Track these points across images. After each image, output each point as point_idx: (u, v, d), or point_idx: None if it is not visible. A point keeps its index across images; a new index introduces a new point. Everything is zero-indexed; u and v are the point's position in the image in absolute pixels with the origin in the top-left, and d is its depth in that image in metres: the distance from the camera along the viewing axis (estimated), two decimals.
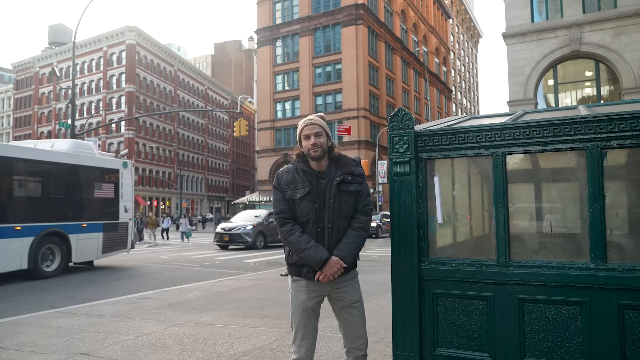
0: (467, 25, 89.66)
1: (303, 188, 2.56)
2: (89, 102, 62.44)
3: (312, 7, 45.89)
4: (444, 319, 2.82)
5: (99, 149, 15.66)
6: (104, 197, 12.10)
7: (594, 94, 15.75)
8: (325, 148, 2.60)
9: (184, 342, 4.73)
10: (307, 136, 2.59)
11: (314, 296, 2.60)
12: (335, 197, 2.54)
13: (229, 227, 19.41)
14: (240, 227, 18.98)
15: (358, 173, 2.65)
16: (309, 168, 2.61)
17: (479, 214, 3.26)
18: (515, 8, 16.12)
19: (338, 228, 2.56)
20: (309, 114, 22.21)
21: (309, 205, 2.54)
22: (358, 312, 2.63)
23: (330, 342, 4.59)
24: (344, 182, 2.58)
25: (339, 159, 2.67)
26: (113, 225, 12.18)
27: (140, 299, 7.38)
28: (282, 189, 2.62)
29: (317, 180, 2.58)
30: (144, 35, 62.37)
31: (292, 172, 2.63)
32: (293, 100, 46.29)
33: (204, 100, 76.78)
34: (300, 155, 2.66)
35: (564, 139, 2.61)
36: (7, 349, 4.55)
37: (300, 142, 2.64)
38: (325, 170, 2.62)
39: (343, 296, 2.62)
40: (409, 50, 54.75)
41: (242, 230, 18.82)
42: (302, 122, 2.67)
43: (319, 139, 2.58)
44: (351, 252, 2.55)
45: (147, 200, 60.40)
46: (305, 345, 2.60)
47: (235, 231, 18.97)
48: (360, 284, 2.76)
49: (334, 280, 2.56)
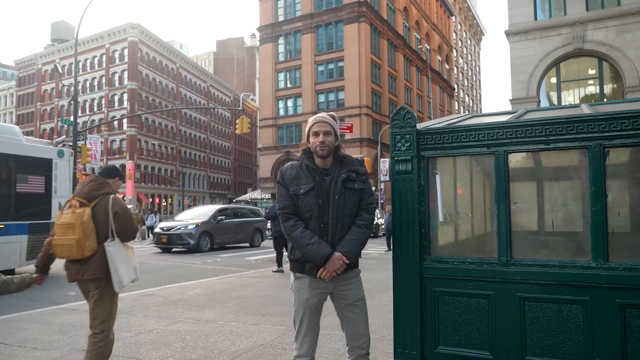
0: (470, 23, 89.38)
1: (307, 184, 2.58)
2: (91, 99, 62.51)
3: (315, 4, 45.79)
4: (445, 317, 2.83)
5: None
6: (30, 192, 10.08)
7: (597, 92, 15.70)
8: (332, 147, 2.62)
9: (186, 339, 4.75)
10: (317, 133, 2.60)
11: (317, 294, 2.61)
12: (340, 193, 2.56)
13: (168, 227, 16.37)
14: (181, 227, 16.03)
15: (362, 172, 2.67)
16: (313, 164, 2.62)
17: (481, 213, 3.26)
18: (519, 6, 16.06)
19: (342, 225, 2.57)
20: (311, 112, 22.17)
21: (312, 201, 2.55)
22: (361, 310, 2.63)
23: (332, 339, 4.60)
24: (348, 179, 2.60)
25: (343, 159, 2.69)
26: (42, 226, 9.89)
27: (142, 296, 7.40)
28: (285, 185, 2.63)
29: (321, 176, 2.60)
30: (146, 33, 62.36)
31: (296, 168, 2.65)
32: (295, 98, 46.25)
33: (206, 97, 76.79)
34: (305, 150, 2.68)
35: (566, 138, 2.61)
36: (10, 345, 4.57)
37: (308, 138, 2.65)
38: (330, 167, 2.64)
39: (346, 294, 2.62)
40: (411, 48, 54.62)
41: (183, 230, 15.86)
42: (313, 118, 2.68)
43: (328, 138, 2.59)
44: (354, 249, 2.56)
45: (149, 197, 60.54)
46: (307, 342, 2.60)
47: (174, 231, 15.95)
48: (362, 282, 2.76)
49: (336, 278, 2.56)
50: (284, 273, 9.90)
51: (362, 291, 2.69)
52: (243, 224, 18.03)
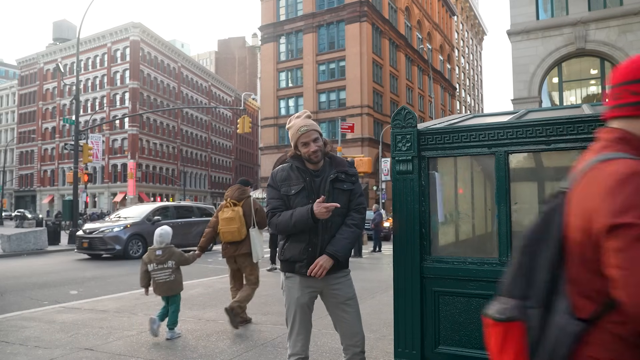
0: (472, 23, 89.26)
1: (298, 184, 2.61)
2: (93, 98, 62.59)
3: (316, 4, 45.77)
4: (445, 317, 2.83)
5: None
6: None
7: (599, 92, 15.67)
8: (323, 150, 2.64)
9: (187, 338, 4.76)
10: (306, 143, 2.60)
11: (308, 292, 2.63)
12: (329, 193, 2.58)
13: (92, 229, 13.96)
14: (106, 229, 13.62)
15: (351, 173, 2.69)
16: (303, 166, 2.66)
17: (482, 213, 3.26)
18: (521, 5, 16.04)
19: (332, 224, 2.58)
20: (312, 111, 22.06)
21: (303, 201, 2.58)
22: (353, 309, 2.65)
23: (332, 339, 4.61)
24: (337, 179, 2.62)
25: (332, 159, 2.71)
26: None
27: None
28: (277, 186, 2.67)
29: (312, 177, 2.63)
30: (147, 32, 62.40)
31: (286, 170, 2.69)
32: (296, 97, 46.24)
33: (208, 96, 76.84)
34: (293, 156, 2.70)
35: (567, 138, 2.61)
36: (12, 344, 4.59)
37: (297, 148, 2.65)
38: (320, 169, 2.67)
39: (337, 293, 2.64)
40: (413, 48, 54.57)
41: (108, 233, 13.44)
42: (296, 128, 2.63)
43: (317, 144, 2.61)
44: (344, 247, 2.57)
45: (151, 196, 60.60)
46: (300, 340, 2.63)
47: (97, 234, 13.51)
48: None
49: (327, 277, 2.57)
50: None
51: (352, 290, 2.70)
52: (187, 225, 14.88)
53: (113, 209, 53.76)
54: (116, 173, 60.27)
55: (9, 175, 69.07)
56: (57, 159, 65.53)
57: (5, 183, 56.24)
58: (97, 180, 59.72)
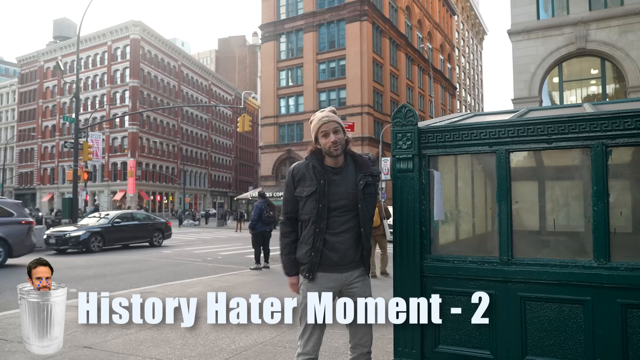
0: (472, 22, 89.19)
1: (310, 187, 2.55)
2: (93, 96, 62.53)
3: (317, 3, 45.72)
4: (445, 316, 2.82)
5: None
6: None
7: (599, 92, 15.65)
8: (344, 144, 2.57)
9: (186, 337, 4.75)
10: (326, 133, 2.53)
11: (326, 290, 2.60)
12: (362, 201, 2.54)
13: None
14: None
15: (376, 173, 2.63)
16: (321, 165, 2.57)
17: (482, 212, 3.25)
18: (521, 5, 16.01)
19: (366, 233, 2.59)
20: (313, 110, 22.10)
21: (312, 205, 2.53)
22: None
23: (332, 338, 4.60)
24: (367, 184, 2.57)
25: (355, 158, 2.65)
26: None
27: (144, 293, 7.40)
28: (293, 186, 2.62)
29: (330, 176, 2.56)
30: (148, 30, 62.34)
31: (303, 168, 2.62)
32: (297, 96, 46.20)
33: (208, 95, 76.79)
34: (314, 151, 2.62)
35: (568, 137, 2.59)
36: (11, 342, 4.58)
37: (317, 139, 2.59)
38: (341, 166, 2.60)
39: (354, 292, 2.61)
40: (413, 47, 54.52)
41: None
42: (318, 119, 2.60)
43: (338, 135, 2.54)
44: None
45: (151, 195, 60.59)
46: (313, 340, 2.59)
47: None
48: None
49: (345, 276, 2.57)
50: (270, 269, 10.23)
51: (370, 290, 2.67)
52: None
53: (113, 207, 53.83)
54: (116, 171, 60.24)
55: (9, 173, 69.07)
56: (57, 157, 65.51)
57: (5, 181, 56.24)
58: (97, 178, 59.69)
